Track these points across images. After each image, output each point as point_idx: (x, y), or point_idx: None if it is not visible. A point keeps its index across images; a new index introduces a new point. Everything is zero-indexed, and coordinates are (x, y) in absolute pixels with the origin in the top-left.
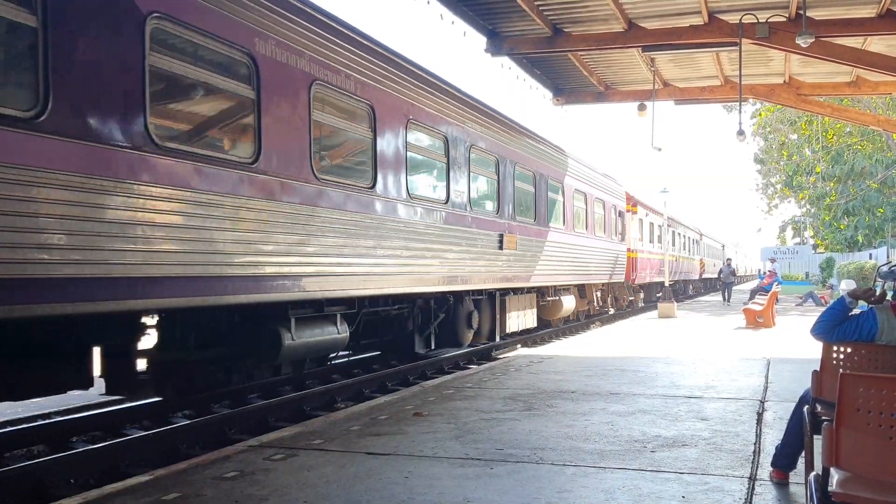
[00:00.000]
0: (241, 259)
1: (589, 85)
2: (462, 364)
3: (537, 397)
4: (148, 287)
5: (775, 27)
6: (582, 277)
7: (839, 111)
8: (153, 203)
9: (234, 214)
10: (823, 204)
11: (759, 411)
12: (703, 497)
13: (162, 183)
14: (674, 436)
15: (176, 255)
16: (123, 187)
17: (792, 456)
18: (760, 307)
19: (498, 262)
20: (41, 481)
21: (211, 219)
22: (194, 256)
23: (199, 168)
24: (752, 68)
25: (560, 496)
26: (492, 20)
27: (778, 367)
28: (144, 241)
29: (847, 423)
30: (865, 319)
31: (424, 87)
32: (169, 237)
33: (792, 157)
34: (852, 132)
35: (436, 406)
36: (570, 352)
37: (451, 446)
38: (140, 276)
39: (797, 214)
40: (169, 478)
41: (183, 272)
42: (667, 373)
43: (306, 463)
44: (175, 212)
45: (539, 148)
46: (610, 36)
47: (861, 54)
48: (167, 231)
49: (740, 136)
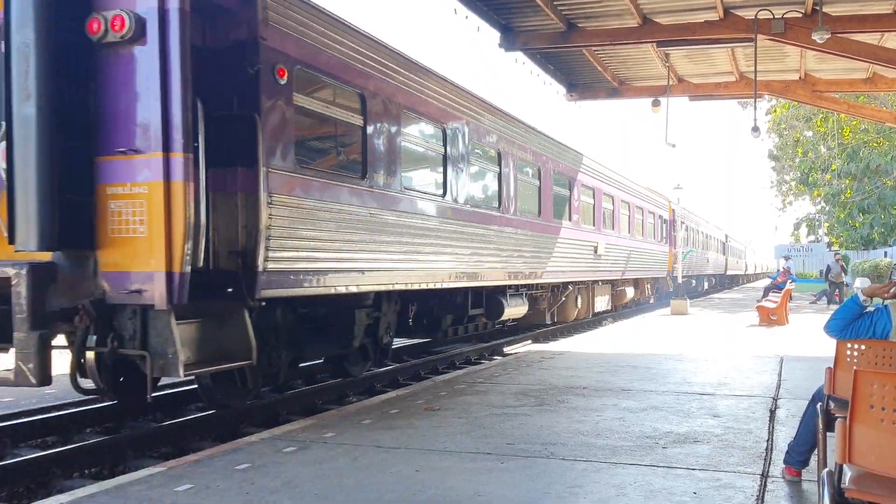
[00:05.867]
0: (488, 262)
1: (603, 80)
2: (473, 359)
3: (548, 393)
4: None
5: (791, 23)
6: (639, 273)
7: (855, 108)
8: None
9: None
10: (838, 201)
11: (771, 408)
12: (715, 493)
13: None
14: (686, 432)
15: (451, 264)
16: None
17: (805, 453)
18: (774, 305)
19: (592, 262)
20: (54, 472)
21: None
22: (467, 263)
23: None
24: (767, 64)
25: (571, 491)
26: (505, 15)
27: (791, 365)
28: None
29: (861, 419)
30: (880, 317)
31: (519, 124)
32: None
33: (807, 154)
34: (868, 129)
35: (447, 401)
36: (582, 348)
37: (462, 441)
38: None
39: (812, 212)
40: (182, 469)
41: (455, 270)
42: (679, 369)
43: (318, 456)
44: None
45: (617, 180)
46: (624, 31)
47: (877, 51)
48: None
49: (755, 132)
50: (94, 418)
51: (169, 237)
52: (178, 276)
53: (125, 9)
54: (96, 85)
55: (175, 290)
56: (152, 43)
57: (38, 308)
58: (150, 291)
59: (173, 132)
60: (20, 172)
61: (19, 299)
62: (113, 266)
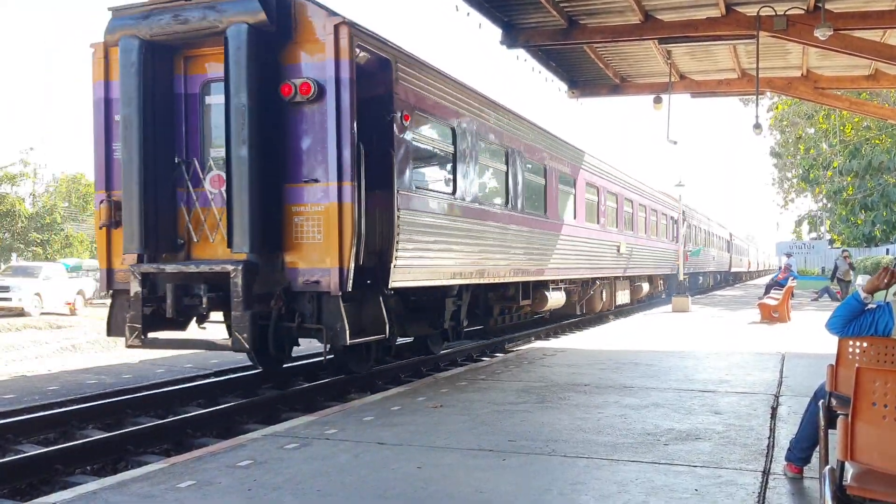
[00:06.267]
0: (537, 260)
1: (604, 77)
2: (475, 356)
3: (550, 390)
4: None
5: (793, 20)
6: (654, 270)
7: (857, 105)
8: None
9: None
10: (840, 198)
11: (773, 406)
12: (717, 490)
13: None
14: (687, 429)
15: (512, 261)
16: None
17: (806, 450)
18: (776, 302)
19: (615, 260)
20: (56, 468)
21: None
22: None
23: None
24: (769, 61)
25: (573, 488)
26: (507, 12)
27: (793, 362)
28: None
29: (862, 417)
30: (882, 314)
31: (562, 144)
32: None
33: (809, 151)
34: (870, 126)
35: (449, 398)
36: (583, 345)
37: (464, 437)
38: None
39: (813, 209)
40: (184, 465)
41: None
42: (680, 366)
43: (320, 452)
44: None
45: (635, 185)
46: (626, 28)
47: (880, 47)
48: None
49: (757, 129)
50: (95, 416)
51: (340, 243)
52: (346, 271)
53: (310, 77)
54: (286, 132)
55: (344, 281)
56: (329, 102)
57: (248, 294)
58: (325, 282)
59: (345, 167)
60: (237, 196)
61: (236, 287)
62: (295, 264)
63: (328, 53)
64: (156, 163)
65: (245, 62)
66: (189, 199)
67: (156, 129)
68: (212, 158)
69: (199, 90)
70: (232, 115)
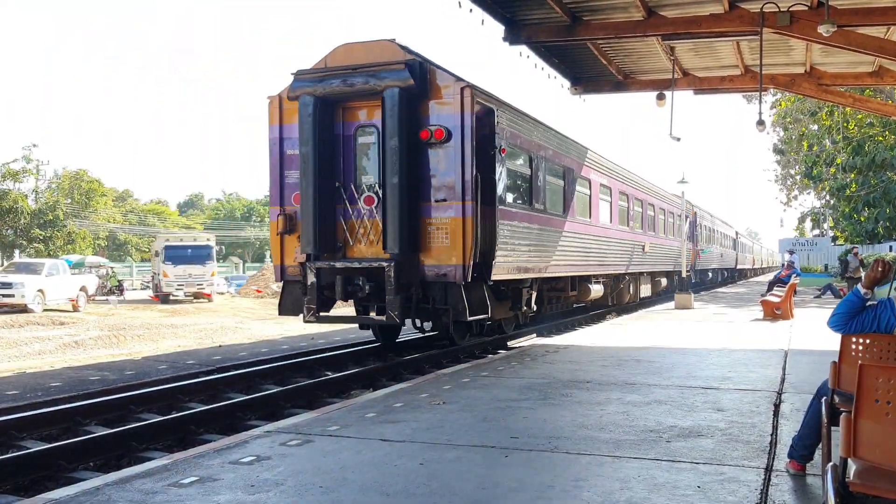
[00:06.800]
0: (584, 258)
1: (607, 74)
2: (478, 353)
3: (553, 386)
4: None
5: (797, 16)
6: (671, 266)
7: (861, 102)
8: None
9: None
10: (843, 195)
11: (775, 403)
12: (719, 487)
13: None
14: (690, 426)
15: (569, 259)
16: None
17: (809, 447)
18: (778, 299)
19: (640, 258)
20: (59, 464)
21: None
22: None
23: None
24: (772, 57)
25: (575, 484)
26: (510, 8)
27: (795, 359)
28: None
29: (865, 413)
30: (883, 310)
31: (604, 162)
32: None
33: (812, 147)
34: (874, 123)
35: (451, 394)
36: (586, 342)
37: (467, 434)
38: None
39: (817, 206)
40: (186, 462)
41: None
42: (683, 363)
43: (322, 449)
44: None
45: (656, 190)
46: (629, 24)
47: (884, 44)
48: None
49: (760, 126)
50: (98, 412)
51: (464, 246)
52: (466, 267)
53: (442, 125)
54: (423, 164)
55: (465, 274)
56: (456, 142)
57: (398, 283)
58: (451, 275)
59: (467, 190)
60: (390, 211)
61: (389, 278)
62: (428, 261)
63: (455, 108)
64: (322, 186)
65: (397, 115)
66: (346, 213)
67: (322, 162)
68: (364, 184)
69: (354, 132)
70: (387, 154)
